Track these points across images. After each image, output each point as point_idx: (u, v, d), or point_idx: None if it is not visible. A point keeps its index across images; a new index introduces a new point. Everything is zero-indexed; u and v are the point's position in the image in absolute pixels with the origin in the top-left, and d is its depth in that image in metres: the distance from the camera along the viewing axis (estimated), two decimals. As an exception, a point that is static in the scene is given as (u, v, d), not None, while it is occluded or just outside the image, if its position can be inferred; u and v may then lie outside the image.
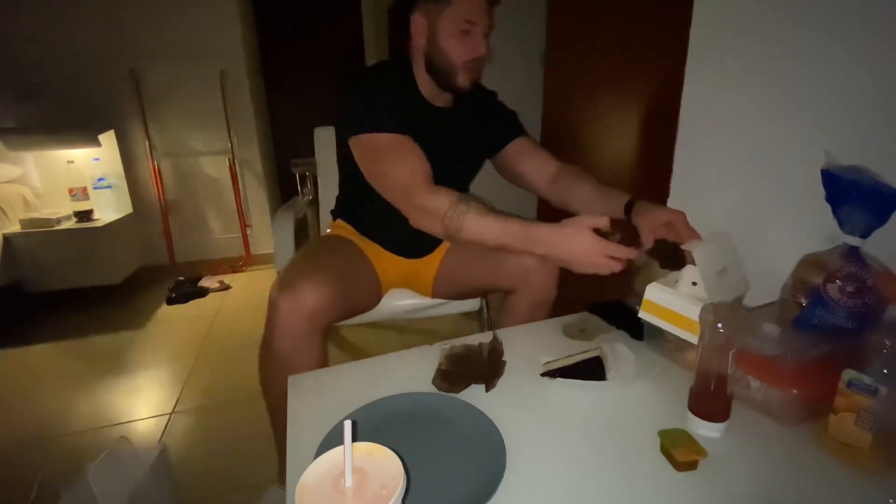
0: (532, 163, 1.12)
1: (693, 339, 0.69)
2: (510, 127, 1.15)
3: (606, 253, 0.77)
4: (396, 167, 0.91)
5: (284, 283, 0.87)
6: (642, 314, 0.76)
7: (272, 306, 0.85)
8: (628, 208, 0.95)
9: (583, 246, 0.79)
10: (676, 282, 0.75)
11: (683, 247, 0.78)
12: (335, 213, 1.21)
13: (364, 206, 1.10)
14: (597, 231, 0.79)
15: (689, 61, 1.04)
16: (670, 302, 0.72)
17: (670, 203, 1.14)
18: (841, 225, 0.67)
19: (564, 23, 1.60)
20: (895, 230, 0.64)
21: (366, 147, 0.94)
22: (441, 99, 1.04)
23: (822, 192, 0.68)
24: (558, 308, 1.01)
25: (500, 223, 0.84)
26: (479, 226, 0.84)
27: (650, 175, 1.31)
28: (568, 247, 0.80)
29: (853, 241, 0.66)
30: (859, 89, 0.75)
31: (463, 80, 0.97)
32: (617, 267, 0.78)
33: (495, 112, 1.15)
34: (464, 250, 1.11)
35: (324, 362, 0.90)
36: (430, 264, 1.14)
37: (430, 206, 0.87)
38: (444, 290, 1.15)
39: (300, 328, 0.85)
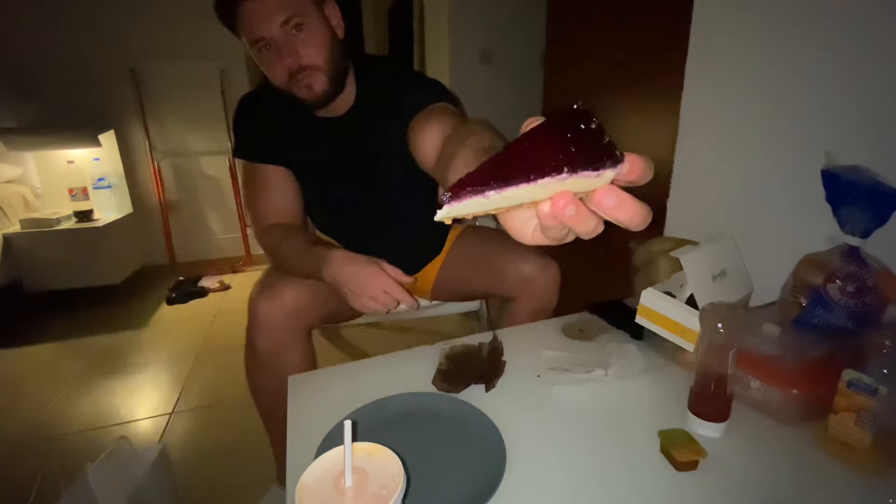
0: (424, 132, 0.80)
1: (688, 345, 0.68)
2: (415, 98, 0.88)
3: (388, 290, 0.81)
4: (249, 197, 1.01)
5: (264, 283, 0.88)
6: (639, 319, 0.75)
7: (251, 307, 0.86)
8: None
9: (369, 278, 0.81)
10: (682, 286, 0.75)
11: (673, 254, 0.76)
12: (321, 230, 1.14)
13: (340, 241, 1.05)
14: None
15: (689, 61, 1.04)
16: (665, 308, 0.71)
17: (670, 203, 1.14)
18: (841, 225, 0.67)
19: (564, 23, 1.60)
20: (895, 230, 0.64)
21: (241, 170, 1.05)
22: (330, 109, 0.92)
23: (821, 191, 0.68)
24: (558, 307, 1.01)
25: (302, 253, 0.88)
26: (286, 256, 0.91)
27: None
28: (353, 273, 0.81)
29: (853, 241, 0.66)
30: (859, 89, 0.75)
31: (302, 94, 0.85)
32: (388, 304, 0.81)
33: (400, 93, 0.91)
34: (462, 260, 1.09)
35: (311, 363, 0.89)
36: (426, 275, 1.12)
37: (261, 243, 0.99)
38: (443, 295, 1.14)
39: (280, 328, 0.85)
